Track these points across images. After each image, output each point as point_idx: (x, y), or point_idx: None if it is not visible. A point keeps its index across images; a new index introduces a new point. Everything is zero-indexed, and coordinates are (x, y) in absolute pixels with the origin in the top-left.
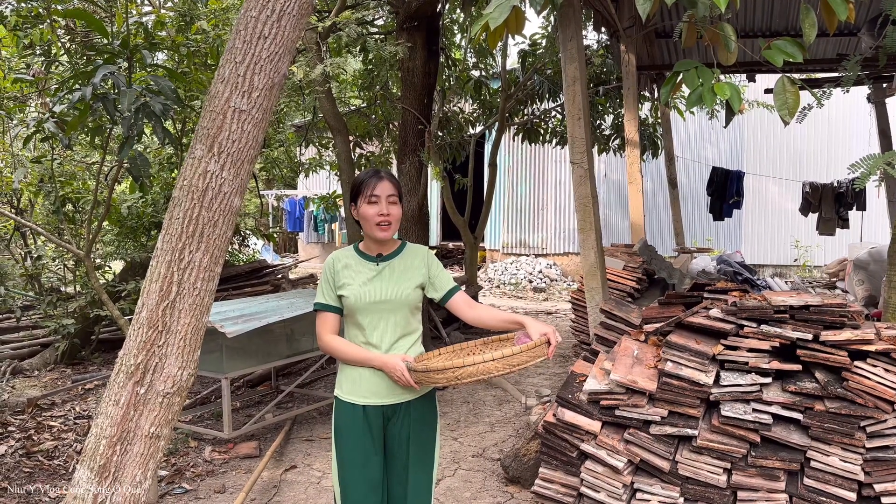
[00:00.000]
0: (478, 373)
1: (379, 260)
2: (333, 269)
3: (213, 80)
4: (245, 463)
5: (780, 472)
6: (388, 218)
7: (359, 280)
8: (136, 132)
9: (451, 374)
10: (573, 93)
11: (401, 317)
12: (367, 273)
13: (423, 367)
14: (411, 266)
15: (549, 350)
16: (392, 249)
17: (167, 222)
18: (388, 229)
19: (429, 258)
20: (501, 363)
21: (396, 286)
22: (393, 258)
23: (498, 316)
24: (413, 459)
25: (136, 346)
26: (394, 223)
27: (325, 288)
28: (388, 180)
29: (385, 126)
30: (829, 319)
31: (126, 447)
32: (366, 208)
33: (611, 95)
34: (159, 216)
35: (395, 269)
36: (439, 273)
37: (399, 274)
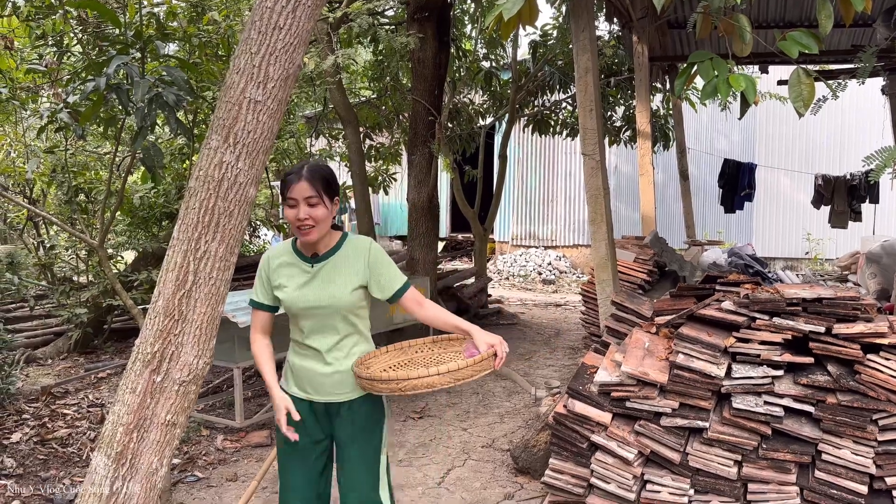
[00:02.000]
0: (421, 385)
1: (314, 261)
2: (269, 268)
3: (229, 71)
4: (256, 451)
5: (792, 464)
6: (307, 222)
7: (293, 283)
8: (149, 123)
9: (394, 386)
10: (585, 84)
11: (340, 320)
12: (302, 276)
13: (367, 375)
14: (350, 265)
15: (496, 362)
16: (329, 247)
17: (183, 212)
18: (310, 233)
19: (371, 254)
20: (447, 377)
21: (332, 290)
22: (329, 257)
23: (447, 321)
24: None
25: (153, 334)
26: (317, 225)
27: (260, 286)
28: (307, 180)
29: (395, 117)
30: (841, 312)
31: (143, 434)
32: (286, 211)
33: (622, 87)
34: (171, 207)
35: (330, 270)
36: (384, 271)
37: (335, 275)
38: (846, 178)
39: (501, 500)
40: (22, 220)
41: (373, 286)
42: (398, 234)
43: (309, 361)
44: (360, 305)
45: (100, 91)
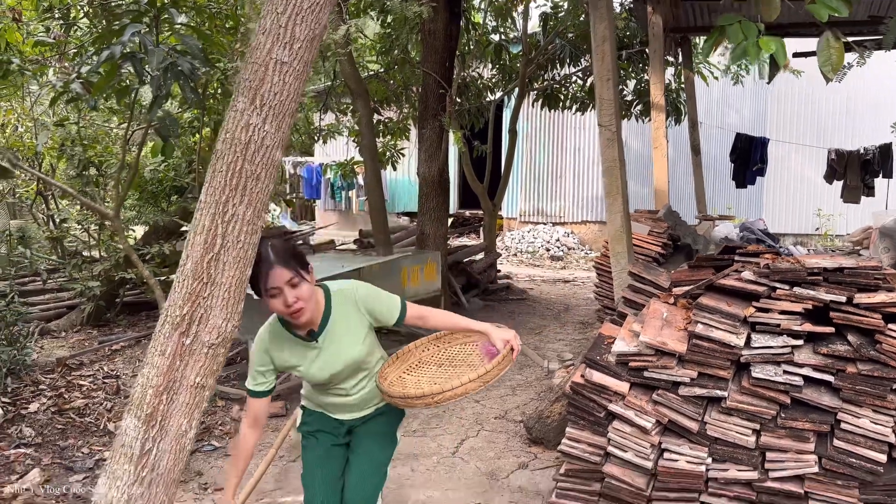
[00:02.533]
0: (456, 395)
1: (313, 337)
2: (270, 353)
3: (255, 32)
4: (272, 422)
5: (810, 433)
6: (297, 304)
7: (305, 361)
8: (164, 92)
9: (430, 400)
10: (602, 53)
11: (361, 367)
12: (309, 352)
13: (400, 394)
14: (349, 322)
15: (514, 355)
16: (320, 317)
17: (210, 175)
18: (300, 314)
19: (359, 300)
20: (477, 382)
21: (345, 353)
22: (326, 327)
23: (457, 324)
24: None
25: (182, 297)
26: (307, 304)
27: (259, 374)
28: (279, 264)
29: (404, 91)
30: (863, 282)
31: (172, 396)
32: (271, 303)
33: (633, 60)
34: (181, 181)
35: (334, 337)
36: (378, 307)
37: (341, 339)
38: (859, 153)
39: (516, 470)
40: (31, 194)
41: (376, 323)
42: (406, 210)
43: (334, 398)
44: (374, 343)
45: (114, 60)
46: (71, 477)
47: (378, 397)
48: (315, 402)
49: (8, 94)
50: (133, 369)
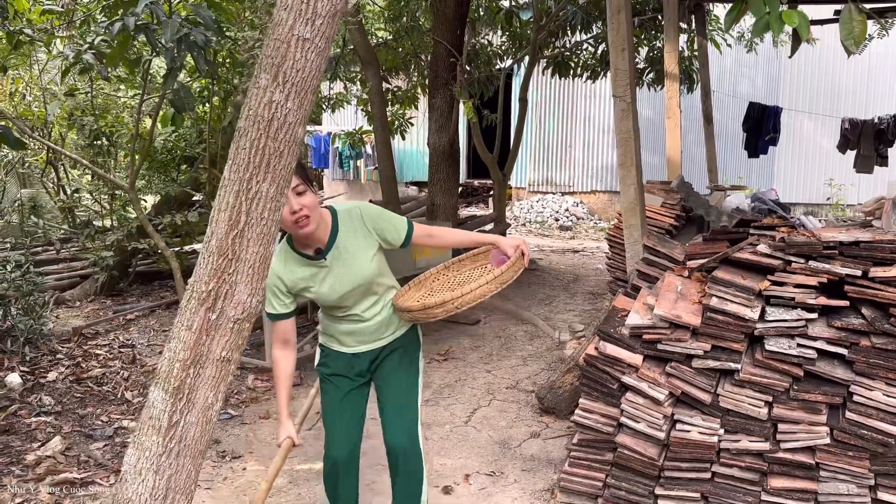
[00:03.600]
0: (475, 298)
1: (321, 255)
2: (283, 280)
3: (276, 8)
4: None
5: (822, 405)
6: (302, 212)
7: (316, 281)
8: (179, 64)
9: (450, 305)
10: (618, 23)
11: (374, 286)
12: (318, 272)
13: (419, 307)
14: (356, 239)
15: (525, 260)
16: (327, 233)
17: (233, 152)
18: (308, 223)
19: (366, 218)
20: (493, 284)
21: (355, 270)
22: (333, 244)
23: (467, 238)
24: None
25: (207, 273)
26: (312, 213)
27: (275, 298)
28: None
29: (413, 59)
30: (879, 256)
31: (199, 370)
32: None
33: (645, 27)
34: (191, 151)
35: (343, 254)
36: (385, 225)
37: (350, 257)
38: (874, 122)
39: (527, 439)
40: (41, 163)
41: (384, 243)
42: (414, 179)
43: (350, 325)
44: (383, 265)
45: (128, 31)
46: (91, 444)
47: (394, 325)
48: (331, 336)
49: (17, 62)
50: (148, 339)
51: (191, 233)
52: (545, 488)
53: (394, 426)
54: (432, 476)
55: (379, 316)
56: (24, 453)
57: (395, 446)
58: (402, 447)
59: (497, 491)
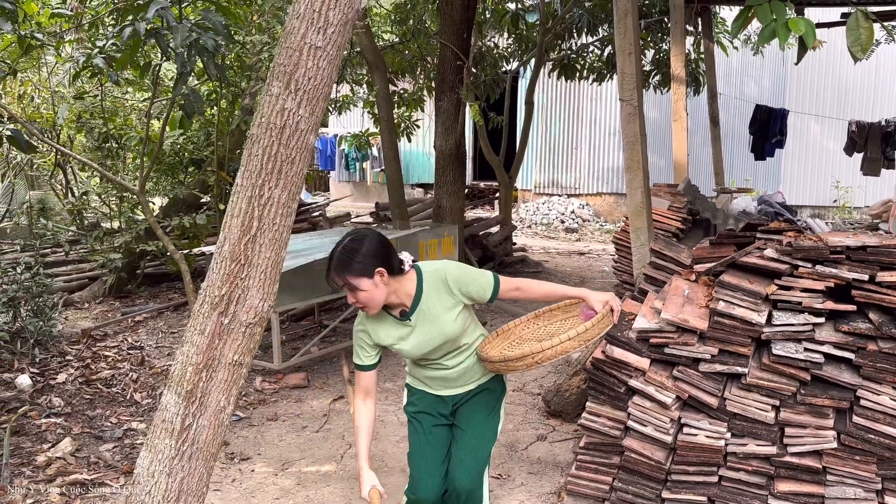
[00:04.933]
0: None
1: (407, 316)
2: (368, 333)
3: (288, 17)
4: (294, 392)
5: (829, 409)
6: (359, 305)
7: (400, 339)
8: (189, 69)
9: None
10: (625, 27)
11: (459, 340)
12: (402, 331)
13: (499, 357)
14: (440, 301)
15: (614, 317)
16: (411, 297)
17: (246, 159)
18: (371, 309)
19: (450, 280)
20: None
21: (439, 331)
22: (417, 307)
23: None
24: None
25: (220, 278)
26: (370, 303)
27: (362, 351)
28: (333, 273)
29: (420, 62)
30: (886, 260)
31: (211, 374)
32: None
33: (651, 29)
34: (200, 153)
35: (427, 315)
36: (471, 284)
37: (434, 318)
38: (881, 125)
39: (534, 441)
40: (49, 165)
41: (469, 300)
42: (420, 181)
43: (434, 371)
44: (470, 318)
45: (138, 36)
46: (101, 446)
47: (480, 373)
48: (417, 378)
49: (26, 65)
50: (157, 340)
51: (199, 235)
52: (552, 491)
53: (461, 466)
54: None
55: (462, 365)
56: (34, 454)
57: (458, 487)
58: (465, 488)
59: (504, 493)
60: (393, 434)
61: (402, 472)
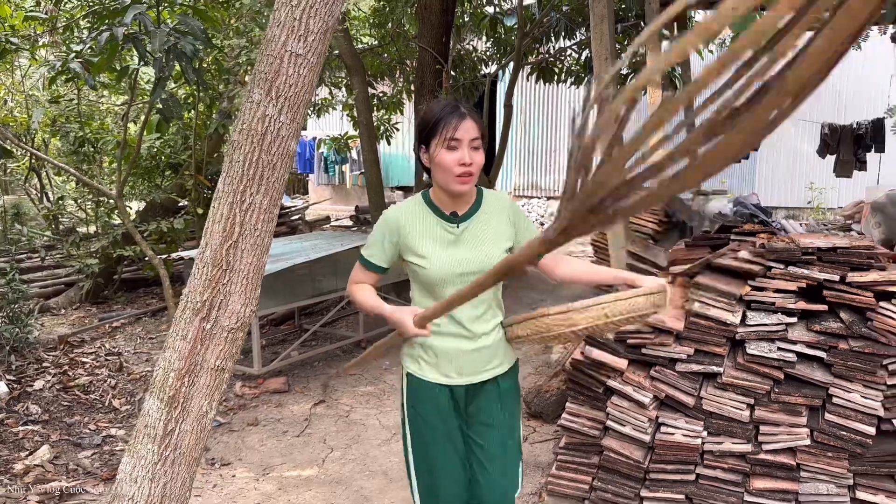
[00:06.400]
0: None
1: (457, 220)
2: (398, 229)
3: (269, 24)
4: (275, 397)
5: (803, 407)
6: (469, 168)
7: (437, 245)
8: (167, 73)
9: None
10: (601, 32)
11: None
12: (445, 236)
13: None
14: (496, 224)
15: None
16: (470, 204)
17: (227, 165)
18: (468, 181)
19: (514, 211)
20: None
21: (484, 253)
22: (472, 216)
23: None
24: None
25: (202, 283)
26: (476, 174)
27: (379, 247)
28: (472, 119)
29: (398, 65)
30: (856, 261)
31: (193, 379)
32: (443, 155)
33: (628, 33)
34: (178, 157)
35: (477, 230)
36: (528, 230)
37: (484, 237)
38: (853, 127)
39: None
40: (24, 170)
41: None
42: (400, 184)
43: (449, 340)
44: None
45: (116, 41)
46: (79, 453)
47: (500, 355)
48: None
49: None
50: (134, 346)
51: (176, 239)
52: (532, 492)
53: (494, 490)
54: None
55: (487, 337)
56: (12, 462)
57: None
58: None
59: None
60: (375, 437)
61: (384, 476)
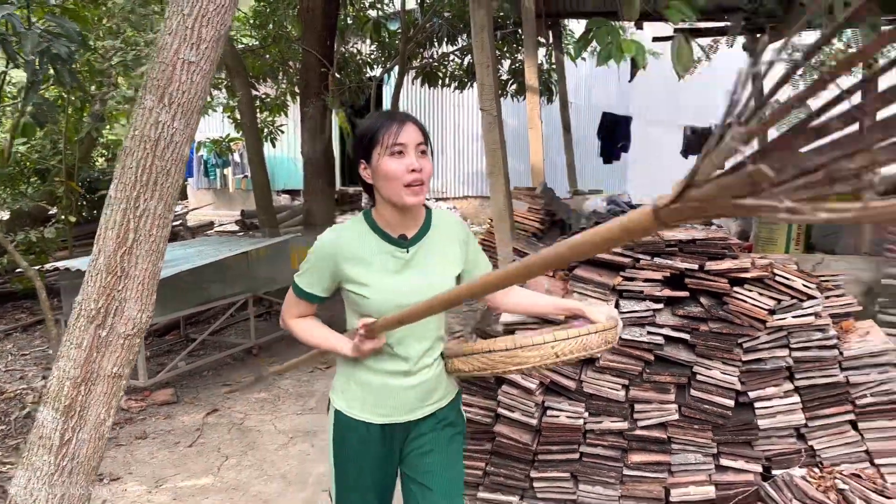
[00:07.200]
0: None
1: (407, 244)
2: (336, 255)
3: (161, 32)
4: (163, 409)
5: (671, 385)
6: (420, 175)
7: (380, 274)
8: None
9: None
10: (482, 41)
11: (437, 318)
12: (391, 262)
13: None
14: (446, 248)
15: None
16: (418, 226)
17: (119, 171)
18: (421, 191)
19: (462, 232)
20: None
21: (432, 281)
22: (422, 238)
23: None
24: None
25: (96, 290)
26: (427, 183)
27: (315, 274)
28: (414, 124)
29: (281, 66)
30: (712, 251)
31: (90, 387)
32: (387, 163)
33: (507, 40)
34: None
35: (427, 254)
36: (477, 253)
37: (434, 261)
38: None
39: None
40: None
41: (466, 274)
42: (286, 187)
43: (387, 378)
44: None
45: None
46: None
47: (442, 388)
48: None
49: None
50: (6, 364)
51: (47, 250)
52: None
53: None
54: (320, 481)
55: (428, 371)
56: None
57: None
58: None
59: None
60: (271, 443)
61: (282, 479)
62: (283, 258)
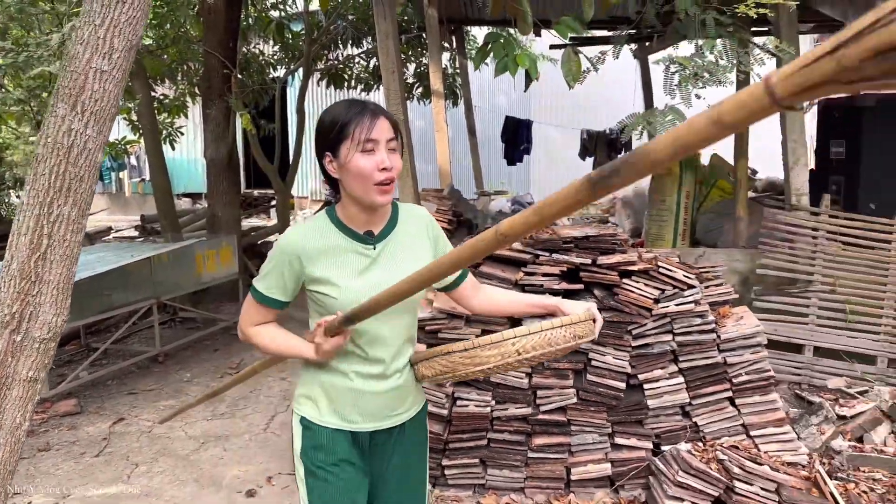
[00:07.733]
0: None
1: (373, 241)
2: (299, 256)
3: (72, 41)
4: (66, 420)
5: (569, 371)
6: (391, 174)
7: (347, 272)
8: None
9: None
10: (387, 48)
11: (409, 318)
12: (358, 260)
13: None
14: (414, 243)
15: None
16: (385, 220)
17: (32, 178)
18: (390, 190)
19: (431, 227)
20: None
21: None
22: (389, 235)
23: (521, 300)
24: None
25: (10, 296)
26: (395, 182)
27: (277, 277)
28: (386, 117)
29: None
30: (603, 247)
31: (5, 392)
32: (357, 160)
33: (412, 44)
34: None
35: (395, 250)
36: (446, 244)
37: (402, 258)
38: (606, 133)
39: None
40: None
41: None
42: (187, 191)
43: (360, 381)
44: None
45: None
46: None
47: (412, 395)
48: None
49: None
50: None
51: None
52: None
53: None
54: (234, 483)
55: (399, 376)
56: None
57: None
58: None
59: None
60: (182, 448)
61: (195, 483)
62: (188, 263)
